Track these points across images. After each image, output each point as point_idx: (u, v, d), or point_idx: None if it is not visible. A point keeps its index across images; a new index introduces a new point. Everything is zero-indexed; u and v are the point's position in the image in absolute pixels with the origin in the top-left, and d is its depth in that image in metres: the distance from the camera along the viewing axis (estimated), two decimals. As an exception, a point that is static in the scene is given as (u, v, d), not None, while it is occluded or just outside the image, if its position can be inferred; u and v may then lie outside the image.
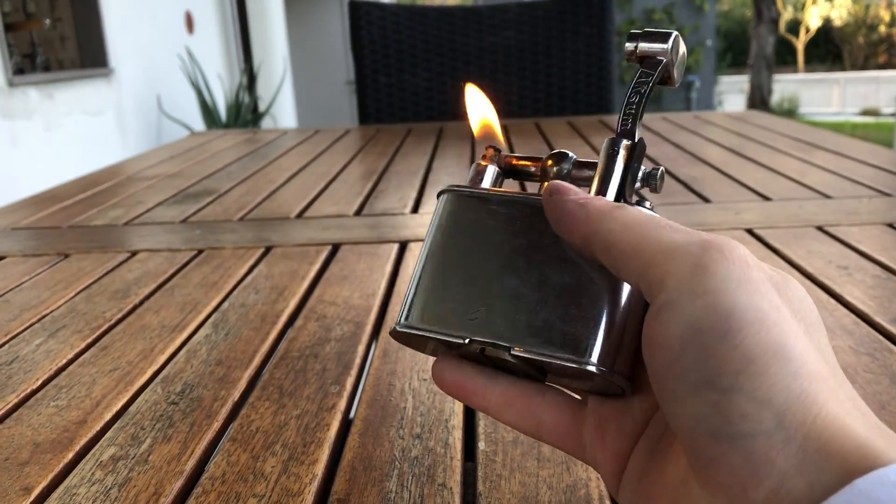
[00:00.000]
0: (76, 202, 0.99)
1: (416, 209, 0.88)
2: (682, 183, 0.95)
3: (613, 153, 0.28)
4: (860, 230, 0.71)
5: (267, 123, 5.30)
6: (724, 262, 0.21)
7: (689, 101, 9.46)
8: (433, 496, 0.33)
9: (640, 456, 0.25)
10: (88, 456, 0.38)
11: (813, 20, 17.96)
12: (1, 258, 0.74)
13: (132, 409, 0.43)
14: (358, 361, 0.48)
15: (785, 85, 13.27)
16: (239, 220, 0.86)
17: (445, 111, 1.75)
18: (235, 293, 0.61)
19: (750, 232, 0.72)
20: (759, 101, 10.88)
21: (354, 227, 0.81)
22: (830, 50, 17.82)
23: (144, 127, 4.21)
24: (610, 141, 0.28)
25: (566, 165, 0.29)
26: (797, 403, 0.19)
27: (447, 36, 1.72)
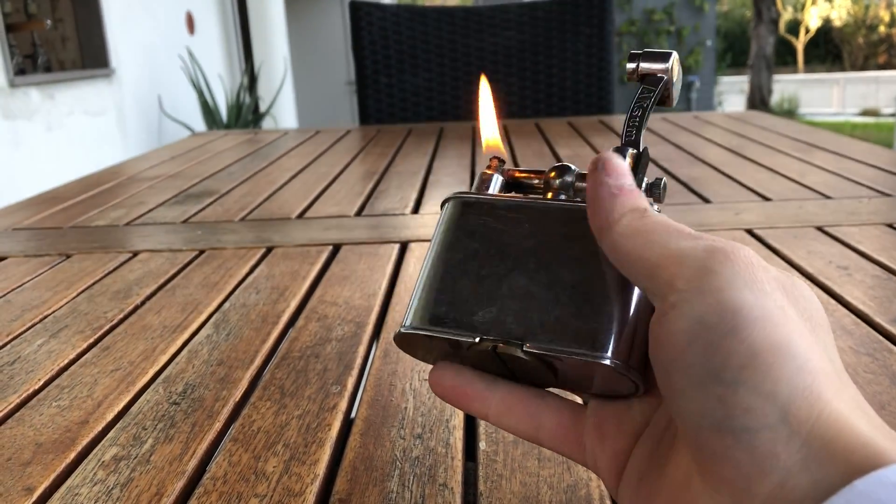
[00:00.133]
0: (77, 202, 0.99)
1: (416, 209, 0.88)
2: (681, 183, 0.95)
3: None
4: (860, 230, 0.71)
5: (268, 124, 5.31)
6: (729, 263, 0.22)
7: (688, 101, 9.46)
8: (434, 496, 0.33)
9: (639, 456, 0.25)
10: (90, 456, 0.38)
11: (813, 20, 17.96)
12: (2, 259, 0.75)
13: (134, 409, 0.43)
14: (359, 361, 0.48)
15: (785, 85, 13.27)
16: (240, 220, 0.87)
17: (446, 111, 1.75)
18: (237, 293, 0.61)
19: (750, 232, 0.72)
20: (758, 101, 10.88)
21: (355, 227, 0.81)
22: (830, 50, 17.83)
23: (145, 127, 4.21)
24: (615, 150, 0.28)
25: (569, 178, 0.29)
26: (802, 398, 0.19)
27: (448, 36, 1.72)
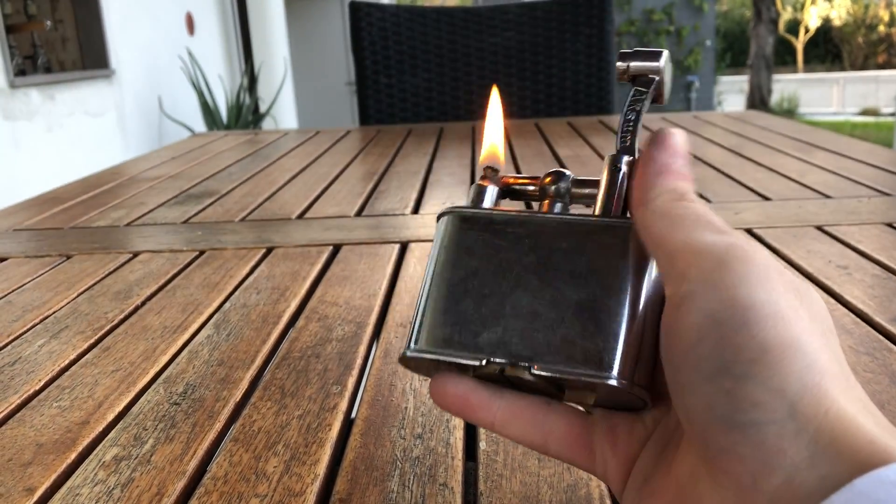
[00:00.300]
0: (78, 203, 0.99)
1: (416, 210, 0.88)
2: (682, 183, 0.95)
3: (616, 170, 0.28)
4: (860, 230, 0.71)
5: (268, 124, 5.31)
6: (745, 261, 0.22)
7: (688, 101, 9.46)
8: (434, 496, 0.34)
9: (646, 459, 0.25)
10: (91, 456, 0.38)
11: (812, 20, 17.96)
12: (3, 259, 0.75)
13: (134, 409, 0.43)
14: (359, 362, 0.48)
15: (784, 85, 13.27)
16: (240, 220, 0.87)
17: (446, 112, 1.75)
18: (237, 294, 0.61)
19: (750, 232, 0.72)
20: (758, 101, 10.88)
21: (355, 227, 0.81)
22: (830, 50, 17.82)
23: (146, 128, 4.21)
24: (612, 158, 0.28)
25: (564, 184, 0.29)
26: (810, 395, 0.19)
27: (447, 37, 1.73)
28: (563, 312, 0.26)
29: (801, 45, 17.74)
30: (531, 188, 0.30)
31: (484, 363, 0.26)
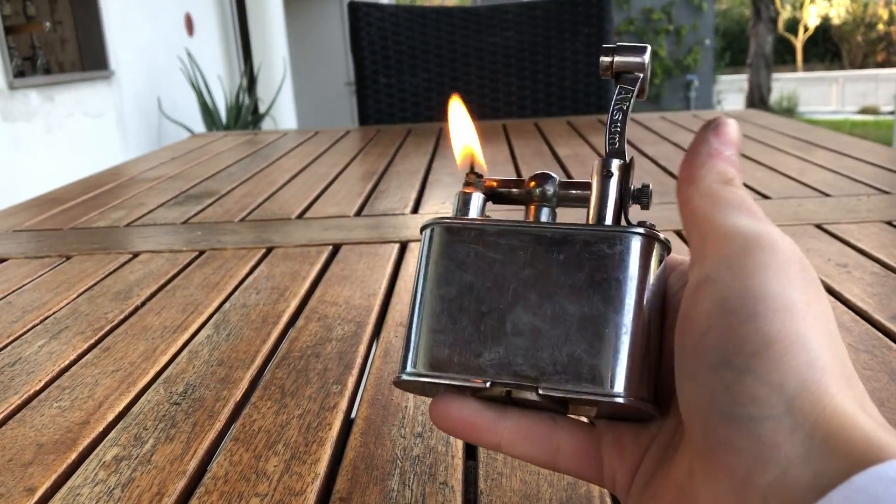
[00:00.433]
0: (77, 204, 0.99)
1: (416, 209, 0.88)
2: (681, 182, 0.95)
3: (608, 175, 0.27)
4: (859, 228, 0.71)
5: (267, 125, 5.31)
6: (769, 250, 0.22)
7: (688, 100, 9.46)
8: (435, 494, 0.34)
9: (648, 462, 0.25)
10: (91, 456, 0.38)
11: (811, 19, 17.96)
12: (3, 260, 0.75)
13: (135, 409, 0.43)
14: (359, 361, 0.48)
15: (784, 84, 13.27)
16: (240, 221, 0.87)
17: (445, 112, 1.75)
18: (237, 294, 0.61)
19: (749, 230, 0.72)
20: (758, 99, 10.88)
21: (355, 227, 0.81)
22: (829, 48, 17.83)
23: (145, 129, 4.21)
24: (602, 162, 0.27)
25: (550, 187, 0.28)
26: (808, 392, 0.19)
27: (446, 37, 1.73)
28: (565, 329, 0.25)
29: (800, 43, 17.74)
30: (515, 192, 0.29)
31: (489, 385, 0.25)
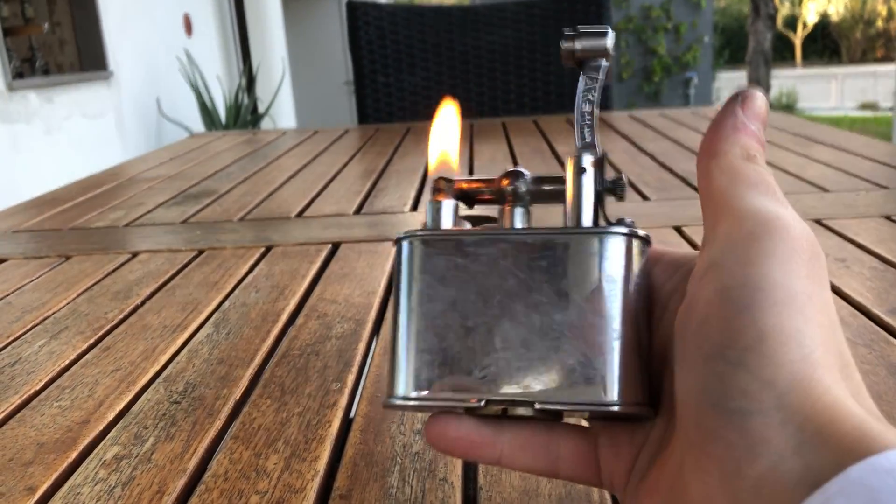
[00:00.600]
0: (77, 204, 1.00)
1: (415, 207, 0.88)
2: (680, 178, 0.95)
3: (581, 171, 0.27)
4: (858, 223, 0.71)
5: (266, 124, 5.31)
6: (778, 237, 0.21)
7: (687, 97, 9.45)
8: (434, 490, 0.34)
9: (643, 458, 0.25)
10: (92, 455, 0.38)
11: (810, 15, 17.96)
12: (2, 261, 0.75)
13: (135, 408, 0.43)
14: (359, 359, 0.48)
15: (783, 80, 13.27)
16: (239, 220, 0.87)
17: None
18: (236, 292, 0.61)
19: (748, 226, 0.72)
20: (757, 96, 10.86)
21: (354, 225, 0.81)
22: (828, 45, 17.82)
23: (144, 129, 4.21)
24: (575, 159, 0.27)
25: (523, 186, 0.27)
26: (800, 387, 0.19)
27: (445, 35, 1.73)
28: (554, 339, 0.24)
29: (799, 40, 17.73)
30: (486, 192, 0.28)
31: (483, 404, 0.25)
